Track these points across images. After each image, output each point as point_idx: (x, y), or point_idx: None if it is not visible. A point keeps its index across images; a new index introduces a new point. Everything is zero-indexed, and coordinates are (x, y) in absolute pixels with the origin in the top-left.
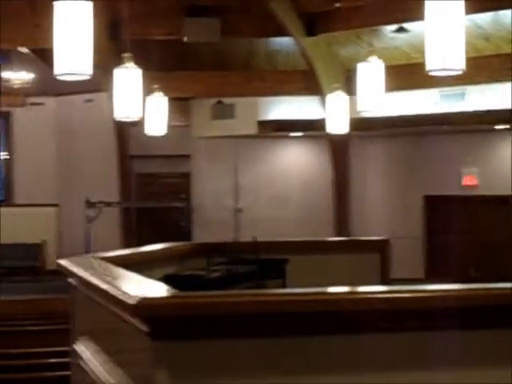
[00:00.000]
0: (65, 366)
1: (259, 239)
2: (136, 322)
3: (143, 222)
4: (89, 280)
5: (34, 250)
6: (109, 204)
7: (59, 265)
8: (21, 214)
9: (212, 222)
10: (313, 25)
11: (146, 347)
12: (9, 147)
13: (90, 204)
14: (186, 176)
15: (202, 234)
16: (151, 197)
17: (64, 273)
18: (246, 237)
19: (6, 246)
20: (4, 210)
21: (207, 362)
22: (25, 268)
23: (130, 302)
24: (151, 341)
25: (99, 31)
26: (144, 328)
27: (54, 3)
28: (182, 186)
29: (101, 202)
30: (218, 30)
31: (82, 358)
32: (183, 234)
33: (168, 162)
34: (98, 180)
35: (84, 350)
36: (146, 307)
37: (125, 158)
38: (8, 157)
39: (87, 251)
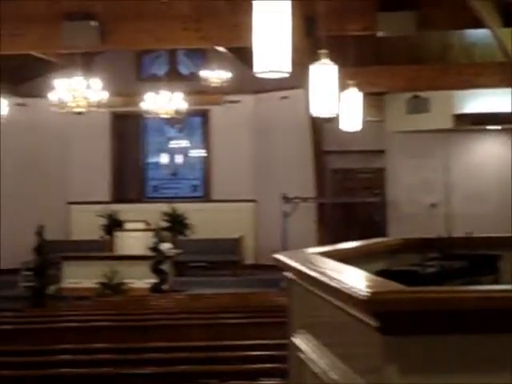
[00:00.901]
0: (272, 359)
1: (456, 235)
2: (364, 316)
3: (338, 217)
4: (309, 274)
5: (233, 245)
6: (304, 199)
7: (275, 259)
8: (219, 210)
9: (406, 217)
10: (510, 15)
11: (375, 342)
12: (207, 144)
13: (286, 199)
14: (381, 171)
15: (397, 230)
16: (346, 192)
17: (280, 267)
18: (442, 232)
19: (206, 241)
20: (203, 205)
21: (437, 358)
22: (225, 262)
23: (360, 296)
24: (381, 336)
25: (295, 28)
26: (373, 322)
27: (254, 2)
28: (376, 181)
29: (297, 198)
30: (413, 23)
31: (300, 351)
32: (378, 229)
33: (362, 158)
34: (293, 176)
35: (302, 343)
36: (376, 302)
37: (320, 153)
38: (206, 154)
39: (284, 246)
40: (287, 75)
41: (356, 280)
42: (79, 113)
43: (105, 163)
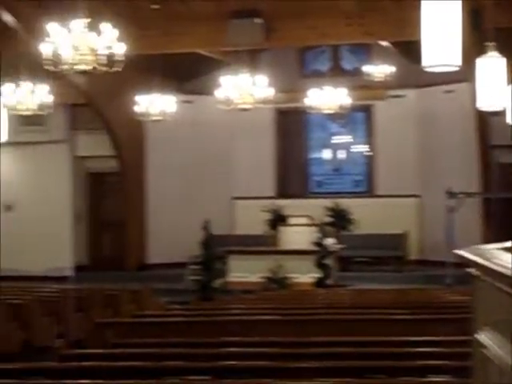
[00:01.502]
0: (441, 355)
1: None
2: None
3: (505, 213)
4: (496, 270)
5: (398, 240)
6: (469, 194)
7: (458, 255)
8: (383, 205)
9: None
10: None
11: None
12: (370, 139)
13: (451, 194)
14: None
15: None
16: None
17: (464, 263)
18: None
19: (369, 236)
20: (367, 200)
21: None
22: (388, 257)
23: None
24: None
25: (462, 21)
26: None
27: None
28: None
29: (462, 193)
30: None
31: (485, 348)
32: None
33: None
34: (458, 170)
35: (487, 340)
36: None
37: (486, 147)
38: (369, 149)
39: (449, 242)
40: (457, 69)
41: None
42: (244, 109)
43: (269, 159)
